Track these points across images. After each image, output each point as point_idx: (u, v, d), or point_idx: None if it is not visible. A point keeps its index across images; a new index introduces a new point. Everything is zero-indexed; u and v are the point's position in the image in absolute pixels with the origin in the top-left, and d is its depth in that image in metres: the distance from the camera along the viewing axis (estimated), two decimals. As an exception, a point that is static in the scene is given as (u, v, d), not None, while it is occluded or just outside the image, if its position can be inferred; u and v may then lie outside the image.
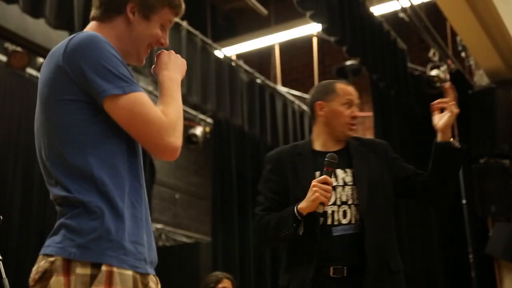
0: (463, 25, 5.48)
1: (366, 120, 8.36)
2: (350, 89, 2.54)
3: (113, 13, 1.69)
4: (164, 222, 8.10)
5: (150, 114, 1.53)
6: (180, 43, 5.62)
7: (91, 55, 1.53)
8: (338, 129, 2.47)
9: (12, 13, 4.82)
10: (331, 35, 5.26)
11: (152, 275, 1.62)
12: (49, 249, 1.51)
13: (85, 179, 1.51)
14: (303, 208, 2.26)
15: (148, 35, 1.73)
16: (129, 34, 1.70)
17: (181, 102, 1.66)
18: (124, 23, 1.69)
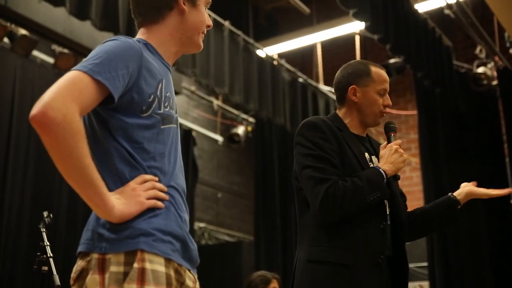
0: (511, 20, 5.34)
1: (410, 118, 8.25)
2: (385, 75, 2.43)
3: (165, 10, 1.70)
4: (207, 221, 8.16)
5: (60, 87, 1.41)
6: (223, 43, 5.65)
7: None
8: (370, 117, 2.37)
9: (59, 15, 4.93)
10: (374, 33, 5.20)
11: (189, 272, 1.61)
12: (81, 247, 1.54)
13: (111, 173, 1.53)
14: (389, 170, 2.22)
15: (201, 21, 1.75)
16: (183, 26, 1.71)
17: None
18: (177, 16, 1.71)
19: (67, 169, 1.43)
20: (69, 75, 1.46)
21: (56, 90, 1.40)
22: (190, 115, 8.04)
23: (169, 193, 1.59)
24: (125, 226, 1.49)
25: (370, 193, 2.13)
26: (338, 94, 2.43)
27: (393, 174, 2.24)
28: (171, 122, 1.64)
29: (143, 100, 1.55)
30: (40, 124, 1.37)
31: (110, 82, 1.47)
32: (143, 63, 1.56)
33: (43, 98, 1.38)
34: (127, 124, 1.54)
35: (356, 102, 2.36)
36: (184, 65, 5.11)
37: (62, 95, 1.40)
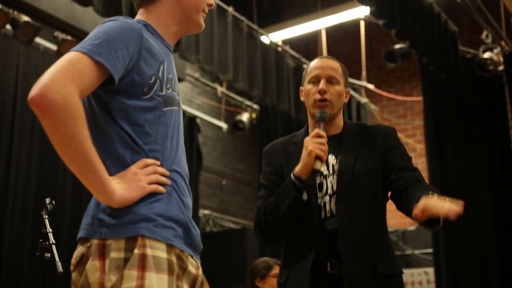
0: (517, 5, 5.29)
1: (415, 104, 8.21)
2: (318, 63, 2.29)
3: None
4: (211, 208, 8.16)
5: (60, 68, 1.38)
6: (226, 29, 5.61)
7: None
8: (310, 110, 2.27)
9: (62, 2, 4.89)
10: (379, 18, 5.16)
11: (191, 258, 1.59)
12: (81, 232, 1.52)
13: (111, 157, 1.51)
14: (299, 170, 2.09)
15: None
16: (182, 5, 1.68)
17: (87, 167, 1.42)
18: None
19: (67, 153, 1.40)
20: (68, 56, 1.43)
21: (55, 72, 1.37)
22: (194, 102, 8.02)
23: (171, 177, 1.57)
24: (125, 211, 1.47)
25: (281, 204, 2.14)
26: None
27: (305, 171, 2.09)
28: (173, 105, 1.61)
29: (144, 82, 1.52)
30: (39, 107, 1.34)
31: (110, 63, 1.44)
32: (143, 44, 1.53)
33: (41, 80, 1.36)
34: (128, 106, 1.51)
35: (304, 102, 2.34)
36: (188, 52, 5.08)
37: (61, 77, 1.37)
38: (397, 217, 7.91)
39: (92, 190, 1.46)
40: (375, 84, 7.94)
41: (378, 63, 7.98)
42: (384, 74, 8.48)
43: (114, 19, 1.55)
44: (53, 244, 2.92)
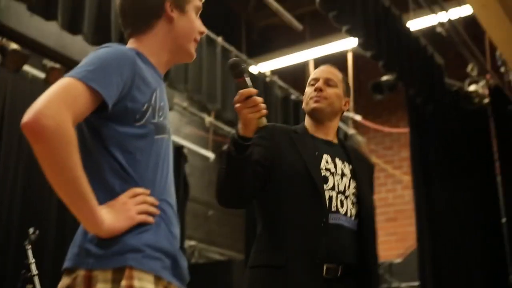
0: (502, 39, 5.38)
1: (402, 136, 8.26)
2: (318, 69, 2.41)
3: (152, 19, 1.66)
4: (197, 239, 8.09)
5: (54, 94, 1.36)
6: (215, 59, 5.64)
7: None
8: (306, 108, 2.34)
9: (51, 30, 4.89)
10: (367, 50, 5.21)
11: None
12: (67, 263, 1.49)
13: (101, 185, 1.49)
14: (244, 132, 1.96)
15: (191, 28, 1.71)
16: (173, 34, 1.68)
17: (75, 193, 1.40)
18: (165, 25, 1.67)
19: (58, 180, 1.38)
20: (62, 81, 1.42)
21: (50, 97, 1.36)
22: (181, 132, 8.00)
23: (160, 207, 1.54)
24: (113, 241, 1.44)
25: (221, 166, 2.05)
26: None
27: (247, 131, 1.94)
28: (165, 133, 1.60)
29: (137, 109, 1.52)
30: (32, 132, 1.33)
31: (104, 90, 1.43)
32: (136, 71, 1.53)
33: (35, 105, 1.34)
34: (120, 133, 1.50)
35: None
36: (177, 81, 5.09)
37: (56, 103, 1.36)
38: (383, 249, 7.89)
39: (81, 219, 1.44)
40: (362, 115, 7.99)
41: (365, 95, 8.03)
42: (371, 105, 8.53)
43: (108, 46, 1.55)
44: (35, 275, 2.87)
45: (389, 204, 8.36)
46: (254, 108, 1.89)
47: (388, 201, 8.40)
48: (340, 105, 2.34)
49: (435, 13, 5.63)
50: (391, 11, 5.45)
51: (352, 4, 4.79)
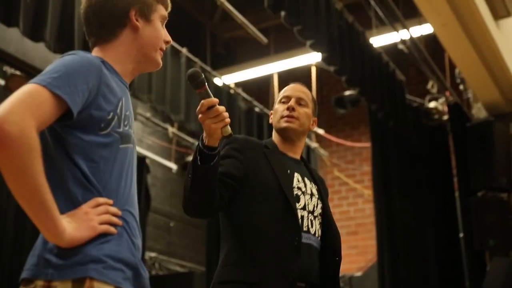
0: (462, 57, 5.51)
1: (364, 150, 8.36)
2: (290, 86, 2.39)
3: (117, 28, 1.65)
4: (158, 251, 8.01)
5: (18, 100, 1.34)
6: (180, 70, 5.63)
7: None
8: (276, 125, 2.34)
9: (12, 36, 4.82)
10: (330, 65, 5.27)
11: None
12: (25, 273, 1.46)
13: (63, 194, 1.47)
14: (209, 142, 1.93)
15: (156, 37, 1.70)
16: (138, 43, 1.67)
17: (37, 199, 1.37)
18: (130, 33, 1.66)
19: (20, 188, 1.35)
20: (26, 88, 1.39)
21: (13, 103, 1.34)
22: (144, 142, 7.94)
23: (123, 217, 1.53)
24: (74, 251, 1.42)
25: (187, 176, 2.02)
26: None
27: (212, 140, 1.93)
28: (129, 142, 1.59)
29: (101, 117, 1.50)
30: None
31: (70, 97, 1.41)
32: (102, 79, 1.51)
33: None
34: (84, 142, 1.48)
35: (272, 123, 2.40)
36: (140, 91, 5.06)
37: (20, 109, 1.33)
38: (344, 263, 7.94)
39: (41, 228, 1.41)
40: (325, 129, 8.07)
41: (328, 109, 8.13)
42: (334, 119, 8.63)
43: (74, 53, 1.54)
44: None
45: (350, 218, 8.44)
46: (217, 117, 1.87)
47: (350, 214, 8.48)
48: (309, 125, 2.38)
49: (397, 30, 5.74)
50: (355, 27, 5.54)
51: (316, 19, 4.85)
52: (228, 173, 2.11)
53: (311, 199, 2.25)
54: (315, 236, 2.20)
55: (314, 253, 2.18)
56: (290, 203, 2.13)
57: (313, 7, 4.82)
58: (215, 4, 6.04)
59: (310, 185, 2.28)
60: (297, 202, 2.18)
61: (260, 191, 2.15)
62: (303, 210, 2.19)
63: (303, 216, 2.18)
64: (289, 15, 4.53)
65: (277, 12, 4.55)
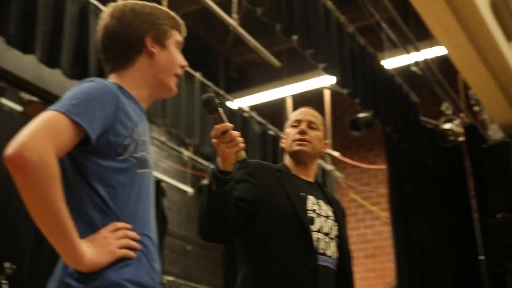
0: (475, 78, 5.49)
1: (379, 172, 8.31)
2: (300, 110, 2.44)
3: (133, 54, 1.68)
4: (175, 275, 7.98)
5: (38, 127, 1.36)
6: (194, 94, 5.67)
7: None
8: (289, 149, 2.36)
9: (28, 63, 4.90)
10: (344, 88, 5.28)
11: None
12: None
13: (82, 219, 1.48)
14: (223, 167, 1.97)
15: (171, 63, 1.72)
16: (154, 69, 1.69)
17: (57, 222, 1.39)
18: (146, 59, 1.69)
19: (40, 213, 1.37)
20: (46, 115, 1.41)
21: (33, 130, 1.36)
22: (160, 166, 7.97)
23: (141, 241, 1.54)
24: (94, 276, 1.43)
25: (202, 201, 2.04)
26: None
27: (226, 165, 1.97)
28: (146, 167, 1.61)
29: (119, 143, 1.52)
30: (15, 165, 1.32)
31: (88, 124, 1.43)
32: (119, 106, 1.54)
33: (19, 138, 1.34)
34: (102, 167, 1.50)
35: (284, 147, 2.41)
36: (155, 115, 5.10)
37: (39, 136, 1.35)
38: (362, 286, 7.86)
39: (61, 253, 1.42)
40: (340, 152, 8.05)
41: (342, 131, 8.11)
42: (349, 142, 8.61)
43: (92, 80, 1.56)
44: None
45: (368, 241, 8.36)
46: (231, 142, 1.89)
47: (367, 237, 8.40)
48: (320, 148, 2.40)
49: (409, 52, 5.75)
50: (367, 50, 5.56)
51: (329, 43, 4.88)
52: (242, 198, 2.12)
53: (326, 221, 2.25)
54: (332, 258, 2.20)
55: (331, 275, 2.18)
56: (304, 226, 2.14)
57: (325, 31, 4.85)
58: (228, 29, 6.10)
59: (325, 207, 2.29)
60: (312, 224, 2.19)
61: (274, 214, 2.16)
62: (318, 232, 2.20)
63: (319, 238, 2.19)
64: (301, 38, 4.57)
65: (289, 36, 4.60)
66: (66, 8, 4.25)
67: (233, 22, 5.27)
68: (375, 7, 5.21)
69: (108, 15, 1.70)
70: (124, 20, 1.68)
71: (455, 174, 6.67)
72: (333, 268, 2.20)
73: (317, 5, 4.84)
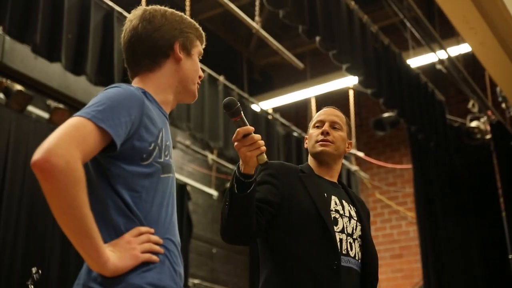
0: (502, 75, 5.42)
1: (405, 172, 8.24)
2: (323, 110, 2.42)
3: (161, 58, 1.69)
4: (201, 278, 8.02)
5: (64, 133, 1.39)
6: (217, 98, 5.69)
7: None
8: (312, 150, 2.34)
9: (55, 71, 4.97)
10: (367, 88, 5.25)
11: None
12: None
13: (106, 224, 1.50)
14: (245, 170, 1.95)
15: (195, 71, 1.74)
16: (179, 75, 1.71)
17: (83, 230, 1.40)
18: (173, 65, 1.70)
19: (65, 218, 1.39)
20: (72, 121, 1.43)
21: (59, 136, 1.38)
22: (184, 170, 8.02)
23: (164, 245, 1.55)
24: (117, 280, 1.44)
25: (224, 203, 2.03)
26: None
27: (248, 168, 1.95)
28: (170, 172, 1.62)
29: (144, 148, 1.53)
30: (42, 171, 1.34)
31: (113, 130, 1.45)
32: (144, 111, 1.55)
33: (45, 144, 1.36)
34: (127, 172, 1.51)
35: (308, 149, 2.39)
36: (179, 119, 5.13)
37: (66, 142, 1.37)
38: (390, 286, 7.80)
39: (86, 257, 1.44)
40: (364, 152, 8.00)
41: (367, 131, 8.07)
42: (374, 142, 8.56)
43: (117, 86, 1.57)
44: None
45: (395, 241, 8.30)
46: (253, 145, 1.89)
47: (393, 237, 8.34)
48: (344, 148, 2.38)
49: (434, 51, 5.69)
50: (391, 49, 5.52)
51: (352, 43, 4.85)
52: (264, 199, 2.12)
53: (350, 222, 2.23)
54: (355, 258, 2.18)
55: (355, 276, 2.16)
56: (328, 227, 2.13)
57: (348, 31, 4.83)
58: (251, 32, 6.11)
59: (348, 207, 2.27)
60: (335, 225, 2.18)
61: (297, 215, 2.14)
62: (341, 233, 2.18)
63: (342, 239, 2.17)
64: (324, 40, 4.55)
65: (312, 37, 4.58)
66: (90, 16, 4.30)
67: (256, 25, 5.28)
68: (399, 6, 5.17)
69: (137, 17, 1.71)
70: (155, 24, 1.69)
71: (483, 172, 6.58)
72: (356, 269, 2.18)
73: (340, 5, 4.82)
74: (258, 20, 5.31)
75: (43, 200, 1.41)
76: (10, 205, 4.94)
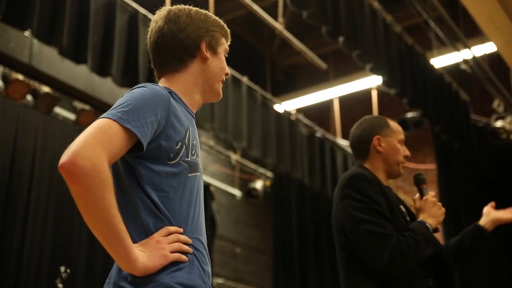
0: (528, 75, 5.37)
1: (429, 172, 8.18)
2: (400, 127, 2.51)
3: (188, 58, 1.70)
4: (225, 277, 8.06)
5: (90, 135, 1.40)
6: (241, 98, 5.72)
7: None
8: (395, 166, 2.39)
9: (81, 72, 5.04)
10: (391, 88, 5.24)
11: None
12: None
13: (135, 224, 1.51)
14: (432, 224, 2.23)
15: (221, 69, 1.75)
16: (205, 74, 1.71)
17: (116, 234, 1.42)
18: (199, 64, 1.71)
19: (93, 219, 1.41)
20: (98, 123, 1.45)
21: (86, 138, 1.40)
22: (208, 170, 8.06)
23: (193, 245, 1.56)
24: (147, 279, 1.46)
25: (425, 248, 2.13)
26: (361, 147, 2.40)
27: (435, 227, 2.24)
28: (197, 171, 1.62)
29: (171, 147, 1.54)
30: (69, 173, 1.36)
31: (139, 130, 1.46)
32: (171, 110, 1.55)
33: (72, 146, 1.38)
34: (155, 172, 1.52)
35: (381, 153, 2.36)
36: (203, 120, 5.17)
37: (92, 144, 1.39)
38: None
39: (115, 257, 1.45)
40: (388, 152, 7.95)
41: (391, 131, 8.00)
42: (397, 142, 8.50)
43: (143, 86, 1.58)
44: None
45: (418, 242, 8.24)
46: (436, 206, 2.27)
47: (417, 238, 8.28)
48: None
49: (458, 50, 5.65)
50: (415, 49, 5.49)
51: (375, 43, 4.85)
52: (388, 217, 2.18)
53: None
54: None
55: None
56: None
57: (372, 31, 4.83)
58: (274, 33, 6.13)
59: (404, 210, 2.34)
60: None
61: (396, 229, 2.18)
62: None
63: None
64: (347, 40, 4.55)
65: (335, 38, 4.59)
66: (116, 19, 4.36)
67: (279, 26, 5.30)
68: (423, 6, 5.15)
69: (162, 18, 1.71)
70: (180, 24, 1.69)
71: (508, 173, 6.51)
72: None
73: (363, 5, 4.82)
74: (281, 21, 5.34)
75: (70, 201, 1.43)
76: (38, 205, 5.03)
